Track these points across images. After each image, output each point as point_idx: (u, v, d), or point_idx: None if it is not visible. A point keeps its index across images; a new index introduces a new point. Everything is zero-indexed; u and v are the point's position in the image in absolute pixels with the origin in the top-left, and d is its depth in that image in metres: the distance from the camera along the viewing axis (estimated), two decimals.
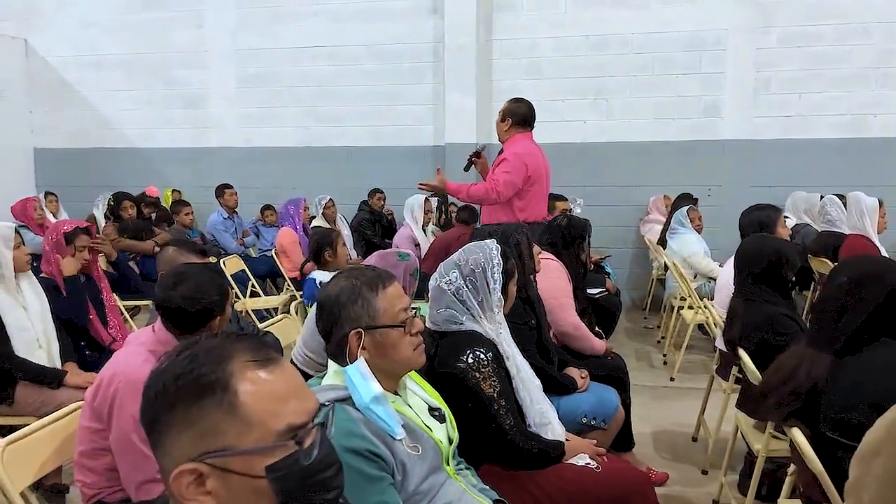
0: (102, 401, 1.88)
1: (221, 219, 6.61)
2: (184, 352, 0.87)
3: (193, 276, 2.04)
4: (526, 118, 4.17)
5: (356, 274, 1.53)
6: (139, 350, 1.99)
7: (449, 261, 2.10)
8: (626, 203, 6.86)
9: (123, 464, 1.85)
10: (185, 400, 0.83)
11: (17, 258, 3.00)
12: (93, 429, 1.91)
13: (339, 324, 1.48)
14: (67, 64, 7.89)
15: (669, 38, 6.65)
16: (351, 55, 7.30)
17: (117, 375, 1.88)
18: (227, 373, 0.84)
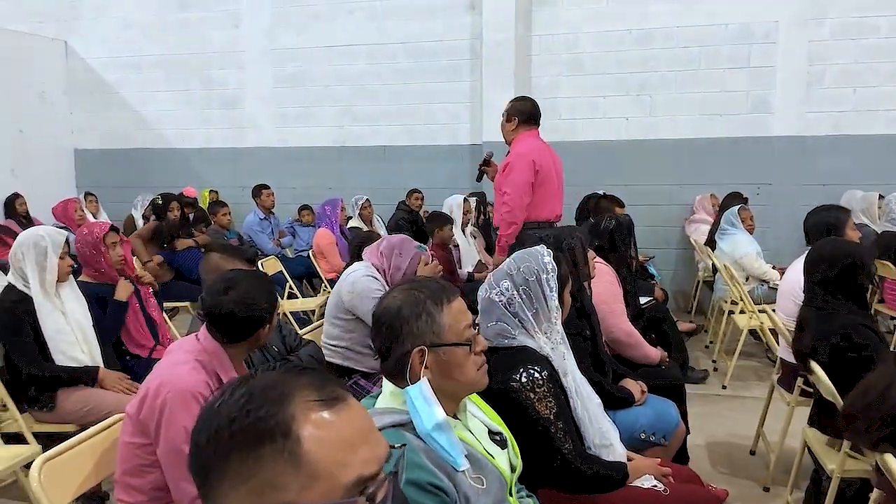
0: (149, 413, 1.80)
1: (258, 219, 6.57)
2: (238, 389, 0.76)
3: (244, 282, 1.98)
4: (532, 115, 4.01)
5: (418, 286, 1.41)
6: (185, 358, 1.91)
7: (499, 270, 1.97)
8: (669, 202, 6.64)
9: (175, 479, 1.78)
10: (241, 448, 0.72)
11: (61, 266, 2.95)
12: (137, 444, 1.83)
13: (401, 340, 1.36)
14: (106, 65, 7.94)
15: (716, 31, 6.41)
16: (387, 53, 7.21)
17: (164, 386, 1.80)
18: (289, 415, 0.73)
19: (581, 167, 6.81)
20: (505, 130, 4.03)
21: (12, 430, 2.87)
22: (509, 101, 4.10)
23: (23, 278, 2.91)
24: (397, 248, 3.02)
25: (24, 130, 7.50)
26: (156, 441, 1.80)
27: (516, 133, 3.97)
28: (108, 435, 1.99)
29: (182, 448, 1.76)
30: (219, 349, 1.93)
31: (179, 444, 1.75)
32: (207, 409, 0.76)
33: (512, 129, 3.98)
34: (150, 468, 1.83)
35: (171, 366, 1.89)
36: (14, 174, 7.36)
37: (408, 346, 1.35)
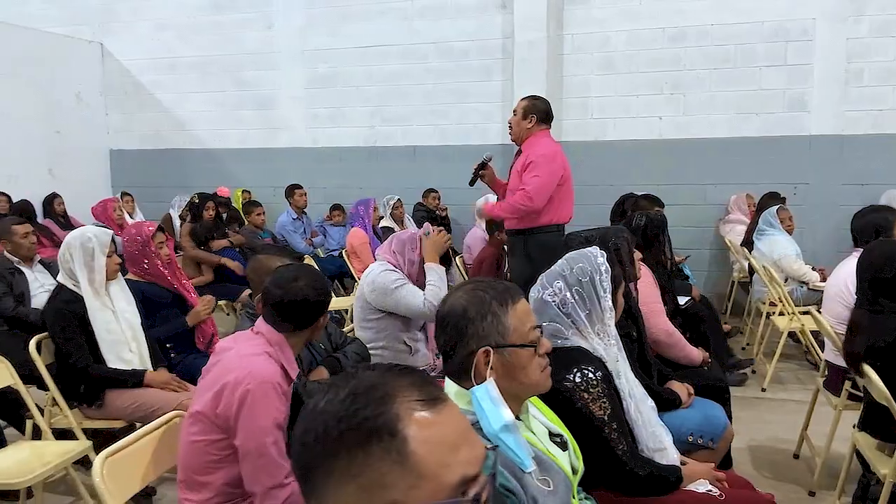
0: (227, 407, 1.81)
1: (291, 219, 6.63)
2: (342, 388, 0.77)
3: (307, 271, 2.07)
4: (548, 114, 4.02)
5: (483, 287, 1.41)
6: (256, 350, 1.94)
7: (552, 271, 1.97)
8: (704, 202, 6.57)
9: (253, 468, 1.80)
10: (350, 447, 0.73)
11: (108, 265, 3.01)
12: (208, 441, 1.84)
13: (465, 340, 1.36)
14: (141, 66, 8.06)
15: (752, 28, 6.33)
16: (419, 53, 7.22)
17: (244, 379, 1.82)
18: (394, 415, 0.73)
19: (612, 167, 6.78)
20: (520, 128, 4.01)
21: (61, 425, 2.93)
22: (522, 98, 4.09)
23: (72, 278, 2.97)
24: (408, 244, 3.03)
25: (61, 131, 7.64)
26: (234, 433, 1.81)
27: (532, 132, 3.97)
28: (166, 431, 2.03)
29: (265, 439, 1.79)
30: (283, 340, 1.97)
31: (264, 434, 1.79)
32: (312, 409, 0.77)
33: (528, 126, 3.97)
34: (221, 463, 1.85)
35: (243, 359, 1.90)
36: (52, 174, 7.51)
37: (473, 346, 1.35)
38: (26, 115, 7.19)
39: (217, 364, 1.98)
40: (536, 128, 3.96)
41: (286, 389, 1.93)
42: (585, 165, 6.87)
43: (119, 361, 2.95)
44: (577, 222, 6.88)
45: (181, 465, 1.94)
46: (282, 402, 1.89)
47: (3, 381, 2.76)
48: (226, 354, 2.00)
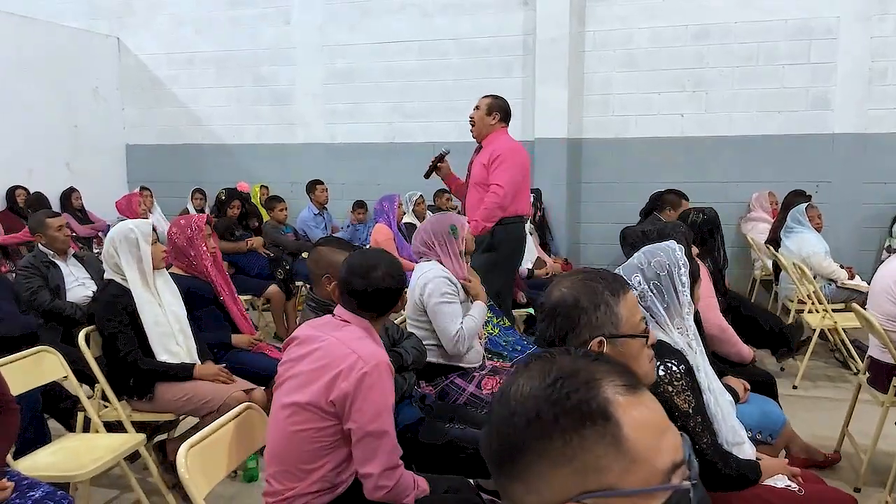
0: (342, 392, 1.80)
1: (312, 214, 6.62)
2: (544, 373, 0.76)
3: (383, 257, 2.06)
4: (509, 112, 4.22)
5: (593, 276, 1.40)
6: (359, 334, 1.93)
7: (629, 264, 1.96)
8: (725, 200, 6.55)
9: (370, 450, 1.80)
10: (566, 430, 0.72)
11: (154, 253, 3.00)
12: (316, 429, 1.83)
13: (578, 330, 1.35)
14: (158, 61, 8.04)
15: (775, 26, 6.33)
16: (439, 50, 7.21)
17: (357, 363, 1.81)
18: (604, 399, 0.73)
19: (633, 165, 6.78)
20: (483, 123, 4.15)
21: (109, 418, 2.92)
22: (485, 96, 4.22)
23: (119, 273, 2.96)
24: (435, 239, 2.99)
25: (78, 126, 7.62)
26: (348, 416, 1.80)
27: (495, 128, 4.12)
28: (243, 421, 2.03)
29: (384, 419, 1.81)
30: (370, 327, 1.99)
31: (380, 415, 1.80)
32: (513, 393, 0.77)
33: (492, 123, 4.12)
34: (330, 449, 1.84)
35: (349, 343, 1.88)
36: (69, 169, 7.49)
37: (585, 336, 1.35)
38: (45, 110, 7.17)
39: (314, 352, 1.93)
40: (499, 125, 4.14)
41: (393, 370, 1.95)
42: (606, 163, 6.90)
43: (167, 354, 2.94)
44: (598, 219, 6.97)
45: (278, 457, 1.90)
46: (391, 384, 1.90)
47: (56, 373, 2.75)
48: (319, 343, 1.95)
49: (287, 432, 1.88)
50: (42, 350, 2.72)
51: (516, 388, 0.77)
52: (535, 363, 0.79)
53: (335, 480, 1.87)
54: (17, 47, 6.85)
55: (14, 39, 6.84)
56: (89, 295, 3.95)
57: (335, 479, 1.87)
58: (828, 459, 3.26)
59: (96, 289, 3.99)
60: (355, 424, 1.81)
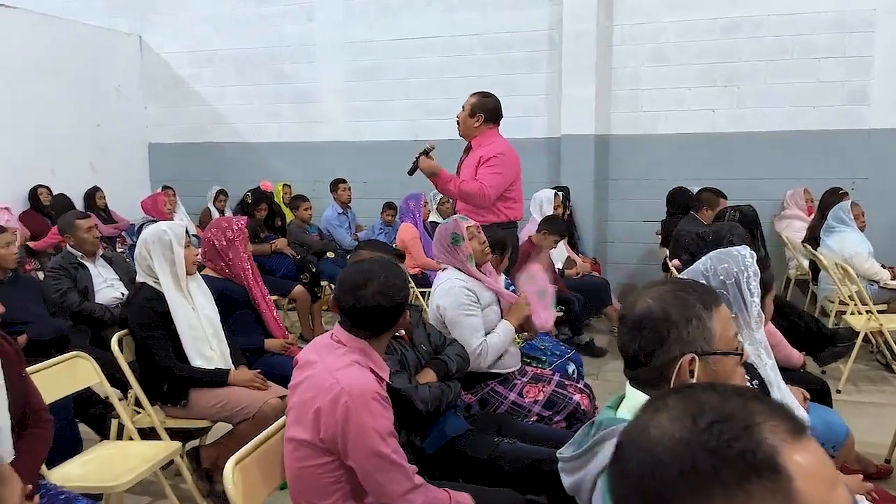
0: (330, 427, 1.72)
1: (336, 214, 6.55)
2: (688, 411, 0.67)
3: (380, 270, 1.89)
4: (497, 113, 3.95)
5: (683, 288, 1.30)
6: (343, 362, 1.82)
7: (693, 269, 1.86)
8: (757, 197, 6.33)
9: (380, 482, 1.73)
10: (727, 483, 0.63)
11: (187, 256, 2.93)
12: (317, 465, 1.76)
13: (667, 346, 1.25)
14: (180, 60, 8.00)
15: (810, 19, 6.15)
16: (463, 45, 7.10)
17: (340, 396, 1.72)
18: (770, 448, 0.64)
19: (663, 161, 6.64)
20: (466, 125, 3.96)
21: (143, 424, 2.86)
22: (472, 94, 4.01)
23: (152, 276, 2.90)
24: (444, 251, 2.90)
25: (101, 125, 7.59)
26: (345, 453, 1.73)
27: (480, 130, 3.92)
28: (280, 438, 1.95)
29: (380, 450, 1.71)
30: (366, 346, 1.88)
31: (377, 446, 1.71)
32: (655, 436, 0.67)
33: (476, 125, 3.92)
34: (337, 484, 1.77)
35: (333, 373, 1.78)
36: (93, 168, 7.47)
37: (675, 352, 1.25)
38: (68, 109, 7.15)
39: (305, 381, 1.85)
40: (484, 126, 3.91)
41: (386, 396, 1.84)
42: (635, 159, 6.76)
43: (201, 359, 2.88)
44: (625, 217, 6.84)
45: (294, 491, 1.84)
46: (385, 408, 1.80)
47: (90, 379, 2.69)
48: (312, 370, 1.86)
49: (294, 468, 1.82)
50: (76, 355, 2.66)
51: (658, 432, 0.67)
52: (673, 400, 0.70)
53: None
54: (40, 46, 6.82)
55: (37, 38, 6.81)
56: (118, 296, 3.91)
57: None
58: (880, 471, 3.14)
59: (124, 290, 3.96)
60: (355, 463, 1.73)
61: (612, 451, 1.22)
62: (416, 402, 2.13)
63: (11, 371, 1.99)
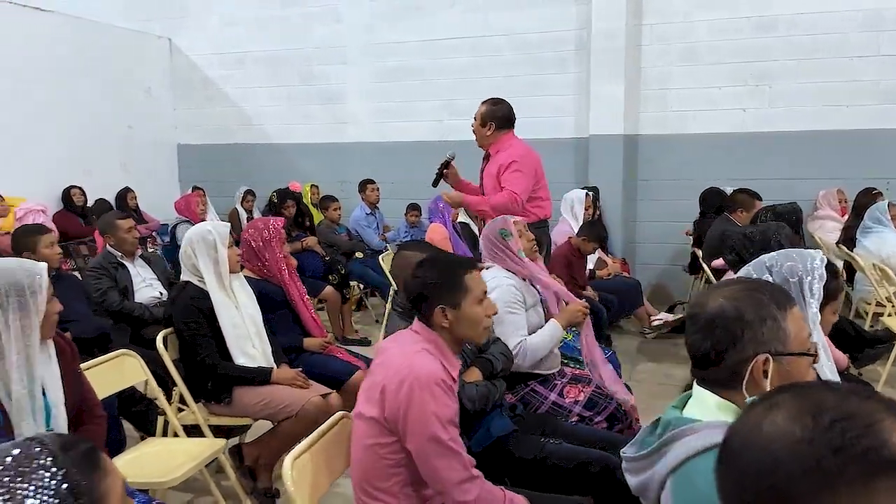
0: (394, 409, 1.76)
1: (364, 214, 6.58)
2: (804, 410, 0.67)
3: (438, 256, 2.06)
4: (508, 118, 3.92)
5: (756, 287, 1.29)
6: (414, 349, 1.88)
7: (759, 261, 1.84)
8: (789, 198, 6.22)
9: (436, 467, 1.75)
10: (852, 481, 0.63)
11: (230, 256, 2.97)
12: (381, 444, 1.80)
13: (740, 346, 1.24)
14: (209, 62, 8.08)
15: (843, 18, 6.07)
16: (491, 46, 7.10)
17: (406, 377, 1.77)
18: (894, 445, 0.64)
19: (693, 161, 6.59)
20: (479, 135, 3.94)
21: (187, 421, 2.89)
22: (483, 102, 3.98)
23: (196, 275, 2.93)
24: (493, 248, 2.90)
25: (132, 126, 7.70)
26: (404, 436, 1.76)
27: (494, 137, 3.89)
28: (341, 429, 1.97)
29: (439, 435, 1.74)
30: (437, 339, 1.92)
31: (436, 431, 1.74)
32: (771, 434, 0.67)
33: (488, 133, 3.89)
34: (397, 468, 1.80)
35: (403, 356, 1.85)
36: (124, 169, 7.57)
37: (749, 352, 1.24)
38: (100, 110, 7.26)
39: (379, 364, 1.93)
40: (498, 133, 3.89)
41: (452, 385, 1.87)
42: (664, 160, 6.72)
43: (244, 357, 2.91)
44: (654, 218, 6.80)
45: (356, 471, 1.88)
46: (450, 397, 1.83)
47: (136, 377, 2.73)
48: (387, 354, 1.94)
49: (360, 445, 1.86)
50: (123, 353, 2.70)
51: (774, 430, 0.68)
52: (786, 399, 0.70)
53: (416, 498, 1.82)
54: (73, 48, 6.94)
55: (70, 41, 6.92)
56: (156, 295, 3.96)
57: (416, 497, 1.82)
58: None
59: (162, 289, 4.01)
60: (413, 445, 1.76)
61: (684, 451, 1.23)
62: (463, 401, 2.13)
63: (67, 368, 2.03)
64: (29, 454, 0.88)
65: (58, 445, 0.91)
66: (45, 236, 3.45)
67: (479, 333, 2.01)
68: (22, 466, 0.86)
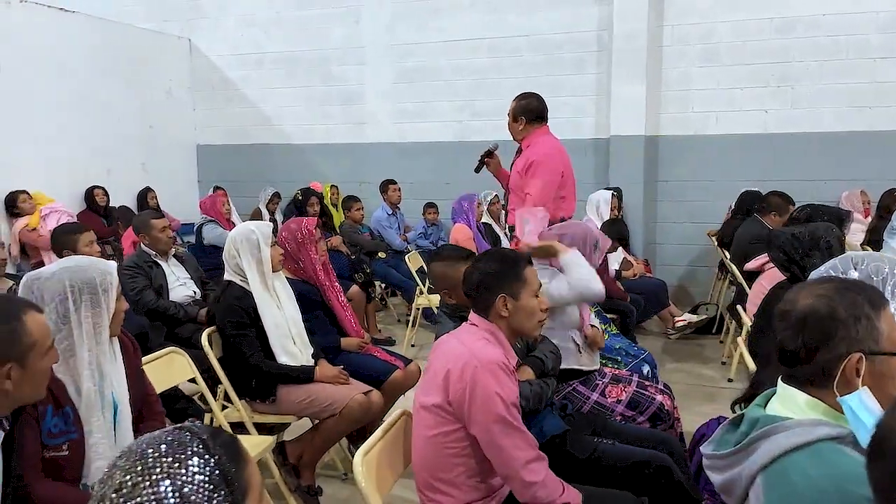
0: (458, 393, 1.80)
1: (386, 215, 6.60)
2: None
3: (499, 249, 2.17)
4: (539, 113, 3.88)
5: (850, 286, 1.30)
6: (475, 336, 1.94)
7: (845, 257, 1.84)
8: (812, 199, 6.22)
9: (502, 448, 1.78)
10: None
11: (273, 255, 2.99)
12: (444, 433, 1.83)
13: (832, 344, 1.25)
14: (229, 62, 8.12)
15: (866, 18, 6.07)
16: (510, 46, 7.12)
17: (469, 361, 1.82)
18: None
19: (714, 163, 6.60)
20: (513, 130, 3.94)
21: (231, 419, 2.91)
22: (514, 98, 3.96)
23: (240, 274, 2.95)
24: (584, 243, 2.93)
25: (153, 126, 7.73)
26: (469, 420, 1.80)
27: (526, 132, 3.88)
28: (402, 424, 2.00)
29: (504, 416, 1.78)
30: (495, 329, 1.97)
31: (500, 413, 1.77)
32: None
33: (520, 128, 3.88)
34: (461, 456, 1.82)
35: (464, 344, 1.90)
36: (145, 169, 7.61)
37: (842, 350, 1.25)
38: (121, 111, 7.29)
39: (438, 355, 1.97)
40: (529, 128, 3.87)
41: (512, 369, 1.91)
42: (685, 161, 6.72)
43: (286, 356, 2.93)
44: (675, 219, 6.80)
45: (419, 465, 1.90)
46: (511, 380, 1.88)
47: (185, 375, 2.75)
48: (446, 345, 1.98)
49: (421, 438, 1.89)
50: (171, 351, 2.72)
51: None
52: None
53: (481, 490, 1.85)
54: (94, 48, 6.97)
55: (92, 41, 6.96)
56: (190, 294, 3.99)
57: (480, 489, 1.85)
58: None
59: (196, 288, 4.04)
60: (479, 427, 1.79)
61: (776, 448, 1.24)
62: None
63: (130, 364, 2.05)
64: (182, 441, 0.90)
65: (207, 434, 0.93)
66: (84, 235, 3.49)
67: (534, 326, 2.06)
68: (177, 453, 0.88)
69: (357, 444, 3.29)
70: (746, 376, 4.66)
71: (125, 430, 1.97)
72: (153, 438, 0.91)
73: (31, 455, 1.70)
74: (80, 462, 1.82)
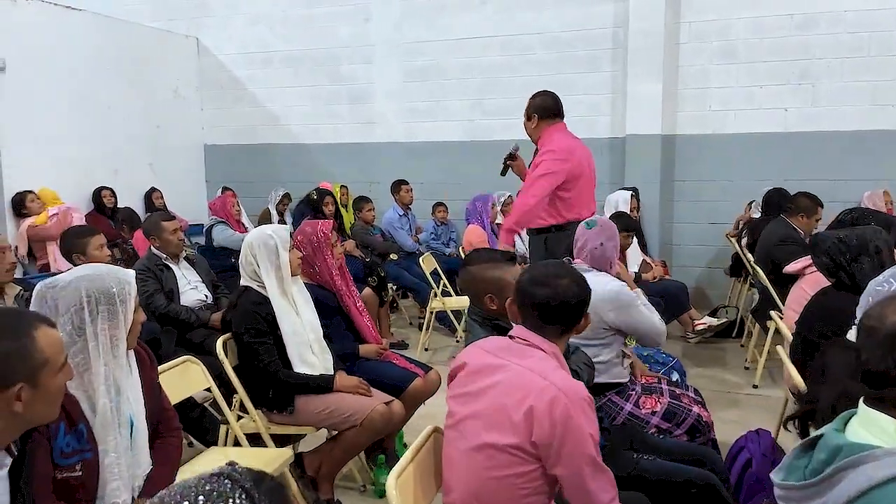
0: (546, 432, 1.64)
1: (397, 216, 6.49)
2: None
3: (567, 268, 1.96)
4: (553, 110, 3.82)
5: None
6: (550, 364, 1.76)
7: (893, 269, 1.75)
8: (833, 199, 6.13)
9: (590, 490, 1.66)
10: None
11: (291, 260, 2.88)
12: (517, 474, 1.68)
13: None
14: (236, 61, 8.01)
15: (886, 15, 5.94)
16: (522, 45, 7.00)
17: (556, 400, 1.65)
18: None
19: (732, 162, 6.48)
20: (529, 130, 3.88)
21: (248, 430, 2.80)
22: (529, 98, 3.89)
23: (257, 280, 2.84)
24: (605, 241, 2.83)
25: (160, 126, 7.63)
26: (557, 458, 1.65)
27: (539, 130, 3.81)
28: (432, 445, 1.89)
29: (593, 456, 1.66)
30: (558, 350, 1.83)
31: (589, 454, 1.66)
32: None
33: (534, 126, 3.82)
34: (532, 496, 1.69)
35: (542, 377, 1.70)
36: (152, 169, 7.51)
37: None
38: (128, 110, 7.19)
39: (498, 385, 1.76)
40: (543, 124, 3.80)
41: (593, 401, 1.78)
42: (702, 160, 6.60)
43: (304, 365, 2.82)
44: (692, 219, 6.67)
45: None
46: (594, 415, 1.75)
47: (200, 384, 2.64)
48: (504, 373, 1.77)
49: (483, 478, 1.71)
50: (187, 360, 2.61)
51: None
52: None
53: None
54: (100, 47, 6.87)
55: (98, 40, 6.86)
56: (202, 298, 3.88)
57: None
58: None
59: (207, 292, 3.93)
60: (568, 469, 1.65)
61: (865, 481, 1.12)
62: None
63: (146, 378, 1.95)
64: (221, 492, 0.79)
65: (250, 482, 0.81)
66: (94, 238, 3.38)
67: None
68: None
69: (373, 455, 3.20)
70: (772, 383, 4.55)
71: (141, 449, 1.86)
72: (187, 489, 0.79)
73: (42, 476, 1.59)
74: (94, 483, 1.71)
